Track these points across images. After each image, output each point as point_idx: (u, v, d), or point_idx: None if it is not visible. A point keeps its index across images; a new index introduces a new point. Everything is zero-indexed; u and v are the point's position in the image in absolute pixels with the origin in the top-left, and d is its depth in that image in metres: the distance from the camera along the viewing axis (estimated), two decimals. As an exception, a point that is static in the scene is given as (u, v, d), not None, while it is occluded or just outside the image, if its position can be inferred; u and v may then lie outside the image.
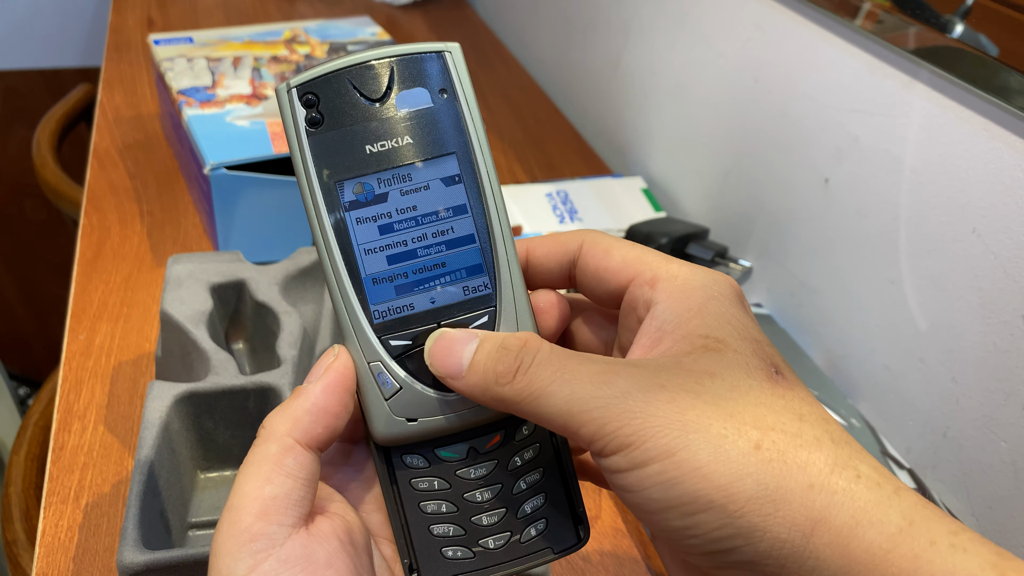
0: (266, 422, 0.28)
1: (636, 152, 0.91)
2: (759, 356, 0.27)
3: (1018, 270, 0.49)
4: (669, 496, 0.24)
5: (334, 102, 0.28)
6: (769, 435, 0.25)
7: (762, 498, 0.24)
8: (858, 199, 0.60)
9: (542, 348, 0.27)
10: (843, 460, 0.24)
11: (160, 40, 0.83)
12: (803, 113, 0.65)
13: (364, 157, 0.28)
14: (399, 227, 0.29)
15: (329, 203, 0.28)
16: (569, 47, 1.04)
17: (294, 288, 0.58)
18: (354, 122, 0.28)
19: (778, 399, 0.26)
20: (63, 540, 0.49)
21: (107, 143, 0.87)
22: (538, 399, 0.26)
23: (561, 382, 0.26)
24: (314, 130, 0.28)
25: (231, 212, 0.67)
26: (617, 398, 0.25)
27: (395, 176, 0.28)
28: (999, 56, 0.48)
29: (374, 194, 0.28)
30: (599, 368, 0.26)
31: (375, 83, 0.28)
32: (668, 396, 0.25)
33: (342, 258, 0.28)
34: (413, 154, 0.28)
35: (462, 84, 0.29)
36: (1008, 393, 0.50)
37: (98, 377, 0.60)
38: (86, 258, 0.71)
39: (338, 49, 0.85)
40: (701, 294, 0.29)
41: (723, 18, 0.73)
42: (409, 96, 0.28)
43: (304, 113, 0.28)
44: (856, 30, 0.58)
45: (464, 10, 1.31)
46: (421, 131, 0.28)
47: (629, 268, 0.30)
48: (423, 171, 0.29)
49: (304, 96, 0.28)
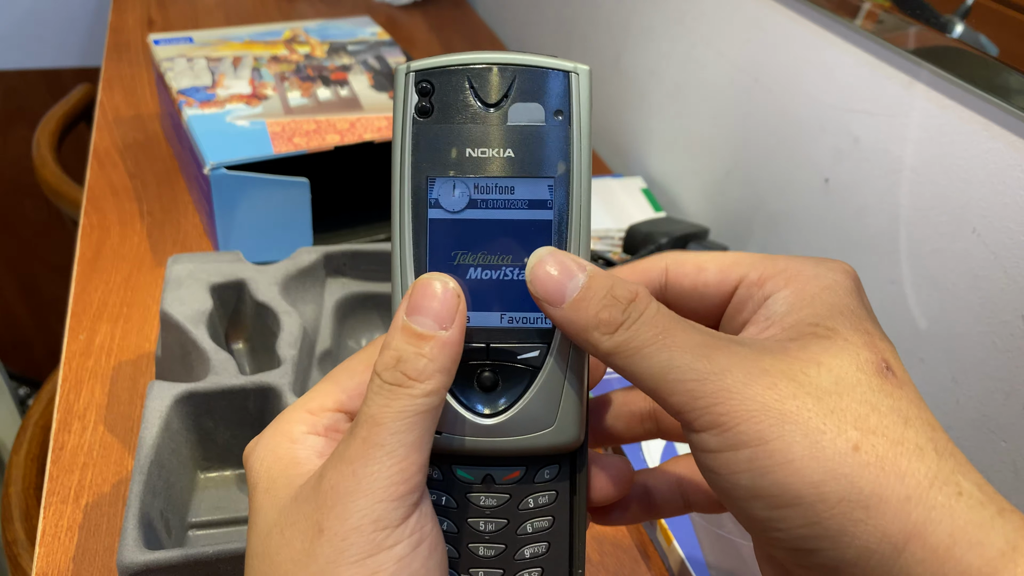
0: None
1: (636, 152, 0.91)
2: (870, 349, 0.26)
3: (1018, 270, 0.49)
4: (757, 485, 0.24)
5: (448, 96, 0.27)
6: (869, 438, 0.23)
7: (854, 502, 0.23)
8: (858, 199, 0.60)
9: (650, 305, 0.26)
10: (945, 474, 0.23)
11: (160, 40, 0.83)
12: (803, 113, 0.65)
13: (461, 159, 0.27)
14: (477, 237, 0.28)
15: (416, 194, 0.27)
16: (569, 47, 1.04)
17: (294, 288, 0.58)
18: (462, 121, 0.27)
19: (885, 398, 0.24)
20: (63, 540, 0.49)
21: (107, 143, 0.87)
22: (633, 356, 0.25)
23: (661, 345, 0.25)
24: (421, 119, 0.27)
25: (231, 212, 0.67)
26: (715, 374, 0.24)
27: (486, 186, 0.27)
28: (999, 56, 0.48)
29: (462, 197, 0.27)
30: (703, 340, 0.25)
31: (493, 88, 0.27)
32: (769, 381, 0.24)
33: (412, 252, 0.28)
34: (510, 169, 0.27)
35: (580, 109, 0.28)
36: (1008, 393, 0.50)
37: (98, 377, 0.60)
38: (86, 258, 0.71)
39: (338, 49, 0.85)
40: (814, 283, 0.27)
41: (723, 18, 0.73)
42: (523, 109, 0.27)
43: (416, 99, 0.27)
44: (856, 30, 0.58)
45: (464, 10, 1.31)
46: (525, 148, 0.27)
47: (731, 275, 0.29)
48: (516, 188, 0.28)
49: (420, 83, 0.27)
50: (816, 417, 0.24)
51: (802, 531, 0.23)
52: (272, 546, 0.25)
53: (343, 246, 0.61)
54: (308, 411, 0.29)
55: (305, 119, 0.71)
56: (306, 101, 0.74)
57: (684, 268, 0.30)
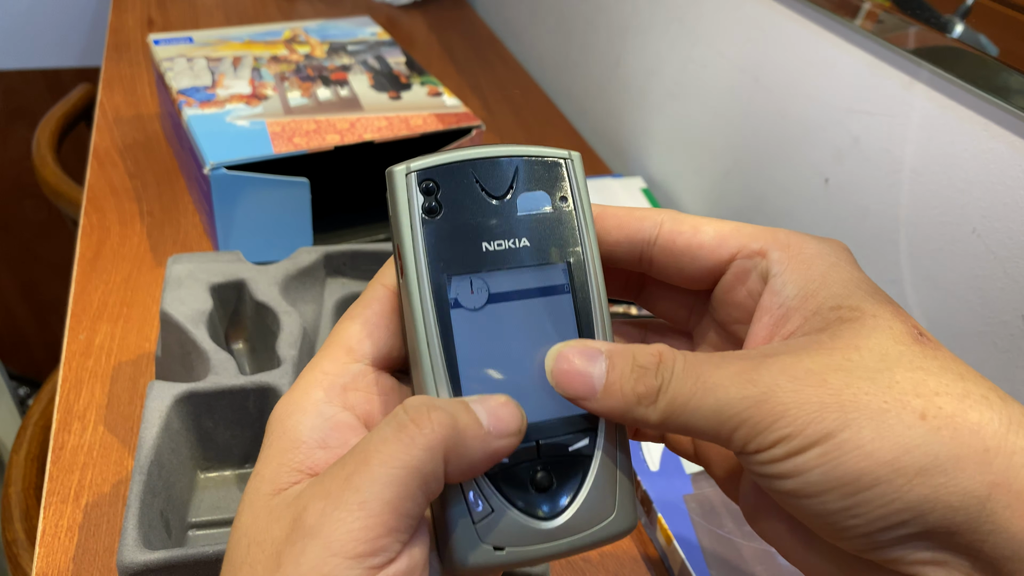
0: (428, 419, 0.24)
1: (636, 152, 0.91)
2: (900, 320, 0.25)
3: (1018, 270, 0.49)
4: (830, 478, 0.23)
5: (455, 193, 0.27)
6: (934, 401, 0.23)
7: (933, 469, 0.22)
8: (858, 199, 0.60)
9: (677, 359, 0.26)
10: (1018, 417, 0.23)
11: (160, 40, 0.83)
12: (803, 113, 0.65)
13: (479, 254, 0.27)
14: (506, 332, 0.27)
15: (437, 296, 0.26)
16: (569, 47, 1.04)
17: (294, 288, 0.58)
18: (474, 217, 0.27)
19: (932, 361, 0.24)
20: (63, 540, 0.49)
21: (107, 143, 0.87)
22: (682, 415, 0.25)
23: (704, 392, 0.25)
24: (429, 218, 0.27)
25: (231, 212, 0.67)
26: (765, 395, 0.24)
27: (508, 278, 0.27)
28: (999, 56, 0.48)
29: (485, 293, 0.27)
30: (739, 367, 0.25)
31: (499, 180, 0.28)
32: (818, 379, 0.24)
33: (443, 357, 0.26)
34: (529, 257, 0.27)
35: (581, 192, 0.28)
36: (1008, 393, 0.50)
37: (98, 377, 0.60)
38: (86, 258, 0.71)
39: (338, 49, 0.85)
40: (820, 261, 0.27)
41: (723, 18, 0.73)
42: (531, 198, 0.28)
43: (422, 200, 0.27)
44: (856, 30, 0.58)
45: (464, 10, 1.31)
46: (539, 235, 0.28)
47: (729, 241, 0.29)
48: (536, 276, 0.28)
49: (424, 182, 0.27)
50: (876, 398, 0.23)
51: (882, 510, 0.23)
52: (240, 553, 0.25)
53: (343, 246, 0.61)
54: (323, 371, 0.27)
55: (305, 119, 0.71)
56: (306, 101, 0.74)
57: (680, 227, 0.30)
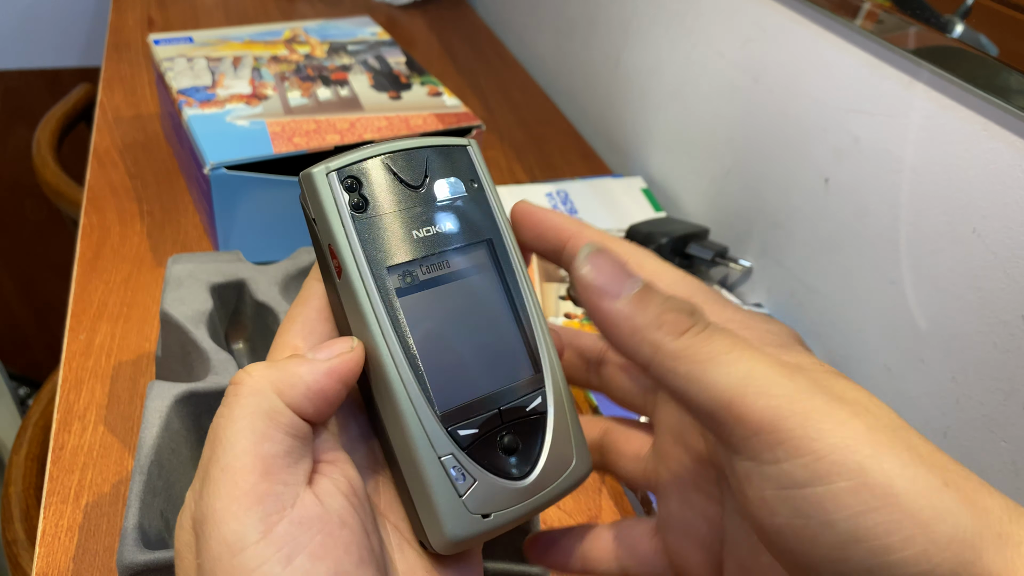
0: (249, 374, 0.25)
1: (636, 152, 0.91)
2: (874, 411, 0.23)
3: (1018, 270, 0.49)
4: (859, 526, 0.21)
5: (376, 187, 0.28)
6: (950, 473, 0.22)
7: (962, 543, 0.21)
8: (858, 199, 0.60)
9: (711, 319, 0.24)
10: (1011, 507, 0.22)
11: (160, 40, 0.83)
12: (803, 113, 0.65)
13: (412, 242, 0.28)
14: (450, 312, 0.28)
15: (381, 288, 0.27)
16: (569, 47, 1.04)
17: (294, 288, 0.58)
18: (398, 207, 0.28)
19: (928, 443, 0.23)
20: (63, 540, 0.49)
21: (107, 143, 0.87)
22: (706, 364, 0.23)
23: (739, 354, 0.23)
24: (358, 214, 0.27)
25: (231, 212, 0.67)
26: (804, 393, 0.22)
27: (442, 260, 0.28)
28: (999, 56, 0.48)
29: (425, 279, 0.28)
30: (774, 356, 0.23)
31: (414, 170, 0.28)
32: (852, 410, 0.22)
33: (400, 347, 0.27)
34: (457, 239, 0.28)
35: (485, 175, 0.30)
36: (1008, 393, 0.50)
37: (98, 377, 0.60)
38: (86, 258, 0.71)
39: (338, 49, 0.85)
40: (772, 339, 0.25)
41: (723, 18, 0.73)
42: (445, 185, 0.29)
43: (347, 197, 0.27)
44: (856, 30, 0.58)
45: (464, 10, 1.31)
46: (461, 218, 0.29)
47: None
48: (467, 255, 0.29)
49: (346, 180, 0.27)
50: (903, 452, 0.21)
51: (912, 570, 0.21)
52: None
53: (343, 246, 0.61)
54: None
55: (305, 119, 0.71)
56: (306, 101, 0.74)
57: None
